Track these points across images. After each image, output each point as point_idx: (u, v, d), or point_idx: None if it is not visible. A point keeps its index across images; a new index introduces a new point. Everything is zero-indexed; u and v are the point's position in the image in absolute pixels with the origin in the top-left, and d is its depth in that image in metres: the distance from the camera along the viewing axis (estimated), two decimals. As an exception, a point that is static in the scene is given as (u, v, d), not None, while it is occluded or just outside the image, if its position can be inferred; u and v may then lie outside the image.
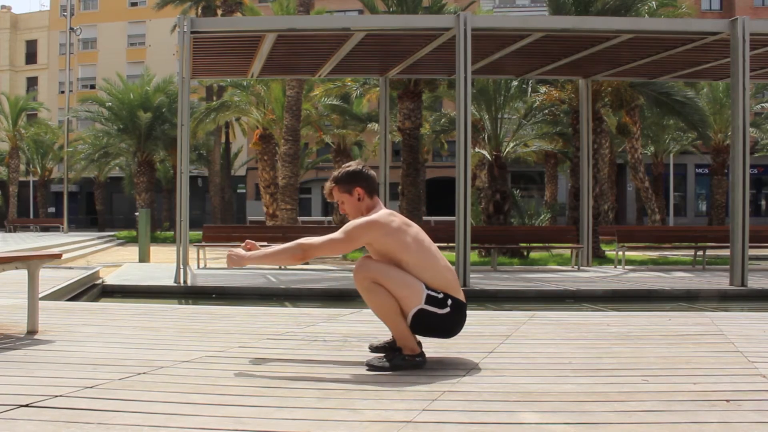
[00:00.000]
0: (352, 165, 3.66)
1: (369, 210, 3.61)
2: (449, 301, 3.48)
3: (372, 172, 3.67)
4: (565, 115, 19.48)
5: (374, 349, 3.77)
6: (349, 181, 3.60)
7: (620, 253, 13.50)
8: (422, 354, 3.52)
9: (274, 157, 20.02)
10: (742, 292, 9.67)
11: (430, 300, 3.42)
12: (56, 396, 2.86)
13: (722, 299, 9.41)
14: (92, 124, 32.70)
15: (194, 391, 3.00)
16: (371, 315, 3.70)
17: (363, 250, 3.66)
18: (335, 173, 3.67)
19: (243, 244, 3.67)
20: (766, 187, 42.07)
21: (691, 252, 14.55)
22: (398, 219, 3.56)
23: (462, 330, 3.65)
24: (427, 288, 3.45)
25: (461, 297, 3.56)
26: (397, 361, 3.45)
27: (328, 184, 3.67)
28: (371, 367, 3.44)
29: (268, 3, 27.40)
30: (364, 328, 4.73)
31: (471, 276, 9.98)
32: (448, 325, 3.52)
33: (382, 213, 3.55)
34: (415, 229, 3.59)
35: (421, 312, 3.41)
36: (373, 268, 3.47)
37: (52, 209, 44.51)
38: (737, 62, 9.79)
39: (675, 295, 9.56)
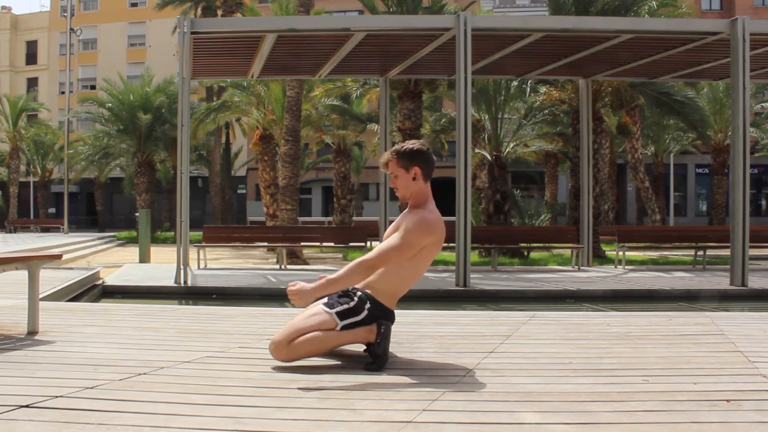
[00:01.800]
0: (417, 144, 3.63)
1: (419, 193, 3.59)
2: (367, 305, 3.50)
3: (433, 157, 3.66)
4: (565, 115, 19.47)
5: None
6: (410, 158, 3.57)
7: (620, 253, 13.50)
8: (380, 324, 3.49)
9: (275, 157, 20.00)
10: (742, 292, 9.67)
11: (342, 315, 3.48)
12: (57, 396, 2.86)
13: (722, 299, 9.41)
14: (92, 125, 32.69)
15: (194, 391, 3.00)
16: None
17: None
18: (398, 146, 3.64)
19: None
20: (766, 187, 42.05)
21: (692, 252, 14.55)
22: (443, 227, 3.61)
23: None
24: (333, 304, 3.50)
25: (390, 306, 3.59)
26: (377, 350, 3.46)
27: (386, 155, 3.63)
28: (369, 368, 3.44)
29: (268, 3, 27.38)
30: (365, 329, 4.72)
31: (471, 276, 9.98)
32: (370, 325, 3.52)
33: (438, 217, 3.57)
34: None
35: (343, 328, 3.48)
36: (277, 337, 3.50)
37: (52, 210, 44.52)
38: (737, 62, 9.80)
39: (675, 295, 9.56)
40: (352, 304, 3.50)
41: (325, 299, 3.63)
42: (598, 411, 2.76)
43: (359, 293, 3.54)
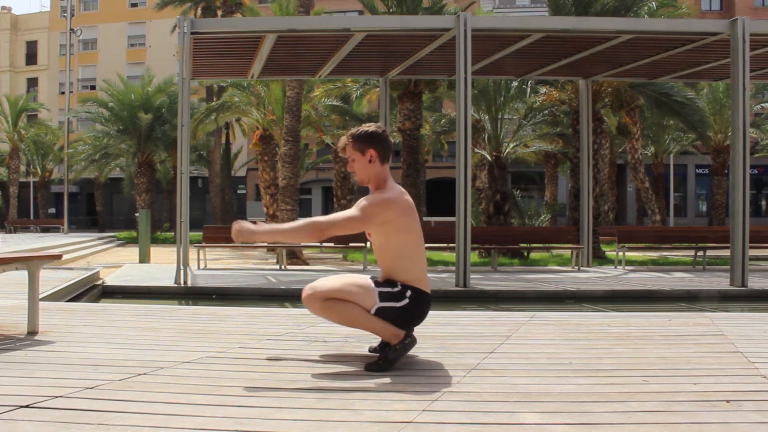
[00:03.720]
0: (372, 126, 3.62)
1: (377, 176, 3.58)
2: (408, 292, 3.49)
3: (390, 139, 3.64)
4: (566, 116, 19.48)
5: (373, 350, 3.77)
6: (365, 140, 3.56)
7: (620, 253, 13.50)
8: (408, 334, 3.51)
9: (275, 157, 20.00)
10: (742, 292, 9.67)
11: (383, 296, 3.46)
12: (57, 397, 2.86)
13: (722, 299, 9.42)
14: (92, 125, 32.72)
15: (194, 391, 3.00)
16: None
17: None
18: (353, 130, 3.64)
19: (249, 221, 3.60)
20: (766, 187, 42.08)
21: (692, 252, 14.55)
22: (410, 199, 3.58)
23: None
24: (380, 283, 3.49)
25: (426, 288, 3.57)
26: (391, 355, 3.46)
27: (343, 139, 3.63)
28: (370, 368, 3.44)
29: (268, 3, 27.38)
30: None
31: (471, 276, 9.98)
32: (408, 316, 3.51)
33: (397, 192, 3.52)
34: (416, 213, 3.64)
35: (379, 310, 3.44)
36: (317, 287, 3.49)
37: (52, 210, 44.52)
38: (737, 62, 9.80)
39: (675, 295, 9.56)
40: (394, 290, 3.48)
41: (373, 275, 3.61)
42: (598, 411, 2.76)
43: (399, 283, 3.51)
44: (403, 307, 3.47)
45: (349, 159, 3.62)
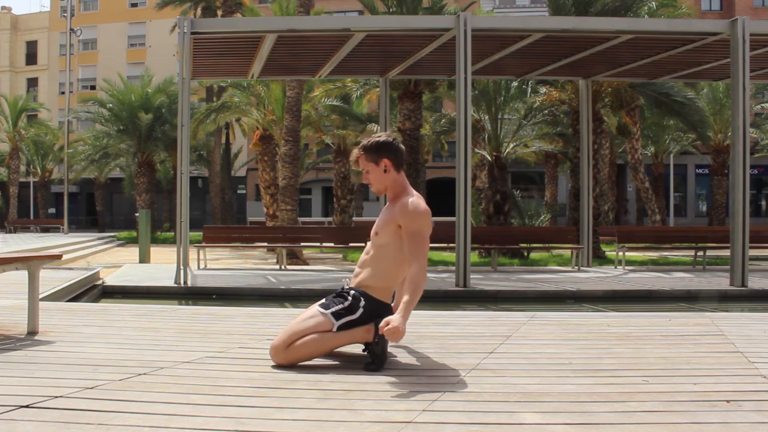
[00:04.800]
0: (383, 136, 3.62)
1: (395, 184, 3.58)
2: (362, 302, 3.51)
3: (401, 146, 3.63)
4: (566, 116, 19.47)
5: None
6: (377, 151, 3.56)
7: (620, 253, 13.50)
8: (377, 323, 3.45)
9: (275, 157, 19.99)
10: (742, 292, 9.66)
11: (338, 314, 3.50)
12: (56, 397, 2.87)
13: (722, 300, 9.41)
14: (92, 125, 32.71)
15: (194, 391, 3.00)
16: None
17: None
18: (364, 141, 3.63)
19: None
20: (766, 187, 42.07)
21: (692, 252, 14.54)
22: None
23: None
24: (330, 304, 3.54)
25: (384, 299, 3.58)
26: (376, 350, 3.46)
27: (355, 152, 3.62)
28: (369, 368, 3.45)
29: (268, 3, 27.38)
30: (365, 329, 4.72)
31: (471, 276, 9.97)
32: (369, 321, 3.52)
33: (422, 201, 3.54)
34: None
35: (340, 327, 3.49)
36: (275, 343, 3.51)
37: (52, 210, 44.52)
38: (737, 62, 9.80)
39: (675, 295, 9.56)
40: (346, 303, 3.52)
41: (322, 300, 3.63)
42: (598, 411, 2.76)
43: (353, 292, 3.55)
44: (359, 317, 3.50)
45: (364, 171, 3.62)
